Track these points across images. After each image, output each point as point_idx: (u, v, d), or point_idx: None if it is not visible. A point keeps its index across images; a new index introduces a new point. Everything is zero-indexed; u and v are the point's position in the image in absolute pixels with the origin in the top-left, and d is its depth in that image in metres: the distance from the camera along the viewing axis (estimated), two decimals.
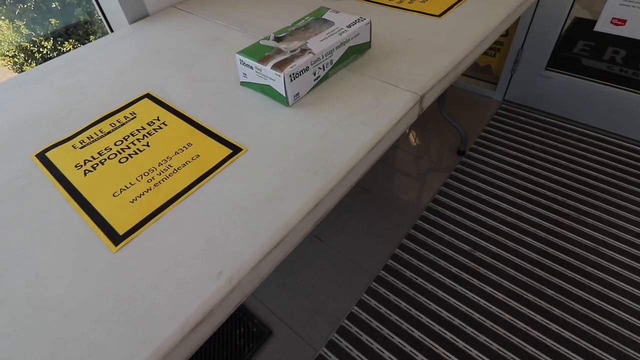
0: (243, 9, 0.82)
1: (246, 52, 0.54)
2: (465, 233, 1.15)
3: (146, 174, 0.46)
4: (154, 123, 0.53)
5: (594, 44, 1.63)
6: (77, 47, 1.01)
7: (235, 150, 0.48)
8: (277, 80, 0.51)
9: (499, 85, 1.65)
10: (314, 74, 0.54)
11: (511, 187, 1.27)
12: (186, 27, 0.77)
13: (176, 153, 0.48)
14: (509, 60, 1.56)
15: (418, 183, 1.34)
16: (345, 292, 1.05)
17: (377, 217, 1.24)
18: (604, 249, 1.08)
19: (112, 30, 0.90)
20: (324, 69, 0.55)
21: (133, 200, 0.43)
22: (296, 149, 0.47)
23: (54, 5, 1.26)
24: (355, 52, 0.60)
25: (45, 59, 1.23)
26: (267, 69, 0.51)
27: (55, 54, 1.30)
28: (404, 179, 1.36)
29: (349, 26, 0.58)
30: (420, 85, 0.54)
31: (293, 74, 0.50)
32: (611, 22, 1.26)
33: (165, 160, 0.47)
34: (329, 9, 0.63)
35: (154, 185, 0.44)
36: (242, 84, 0.58)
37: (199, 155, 0.48)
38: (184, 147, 0.49)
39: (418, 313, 0.98)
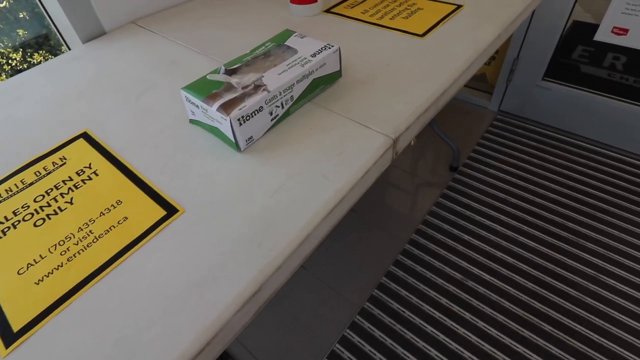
0: (209, 26, 0.75)
1: (192, 88, 0.47)
2: (457, 259, 1.07)
3: (62, 242, 0.38)
4: (83, 172, 0.46)
5: (593, 50, 1.55)
6: (48, 59, 0.94)
7: (171, 211, 0.40)
8: (224, 124, 0.43)
9: (494, 95, 1.58)
10: (271, 114, 0.47)
11: (506, 207, 1.19)
12: (143, 48, 0.70)
13: (101, 214, 0.41)
14: (504, 69, 1.49)
15: (408, 202, 1.27)
16: (327, 327, 0.97)
17: (363, 240, 1.16)
18: (604, 277, 1.01)
19: (69, 48, 0.83)
20: (283, 107, 0.48)
21: (39, 280, 0.35)
22: (242, 209, 0.39)
23: (22, 16, 1.19)
24: (323, 83, 0.53)
25: (16, 70, 1.16)
26: (212, 110, 0.43)
27: (25, 65, 1.23)
28: (393, 197, 1.29)
29: (314, 55, 0.50)
30: (394, 125, 0.47)
31: (243, 116, 0.43)
32: (612, 32, 1.19)
33: (87, 224, 0.40)
34: (294, 32, 0.55)
35: (67, 260, 0.37)
36: (192, 122, 0.51)
37: (127, 218, 0.40)
38: (112, 205, 0.42)
39: (405, 352, 0.90)
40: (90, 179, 0.45)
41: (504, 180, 1.28)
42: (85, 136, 0.51)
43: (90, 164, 0.47)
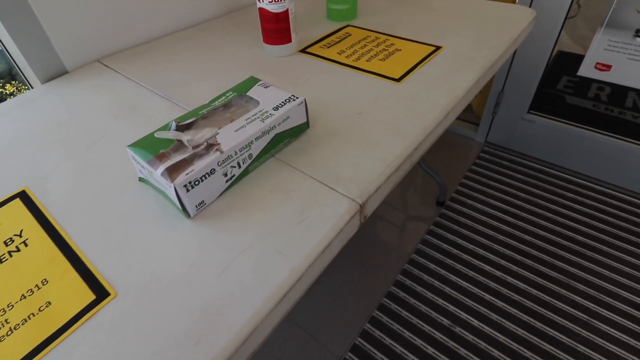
0: (176, 66, 0.71)
1: (139, 145, 0.42)
2: (444, 303, 1.02)
3: None
4: (12, 241, 0.41)
5: (577, 80, 1.55)
6: (21, 90, 0.89)
7: (101, 295, 0.35)
8: (169, 190, 0.39)
9: (480, 127, 1.56)
10: (226, 175, 0.42)
11: (494, 244, 1.15)
12: (104, 90, 0.66)
13: (22, 297, 0.35)
14: (489, 102, 1.47)
15: (393, 239, 1.22)
16: None
17: (346, 280, 1.11)
18: (596, 322, 0.96)
19: (31, 87, 0.78)
20: (240, 166, 0.43)
21: None
22: (183, 293, 0.34)
23: None
24: (288, 137, 0.49)
25: None
26: (157, 173, 0.39)
27: None
28: (378, 233, 1.24)
29: (277, 108, 0.46)
30: (362, 186, 0.43)
31: (191, 182, 0.38)
32: (595, 67, 1.18)
33: (4, 310, 0.34)
34: (259, 81, 0.52)
35: None
36: (141, 180, 0.46)
37: (50, 303, 0.35)
38: (37, 286, 0.36)
39: None
40: (19, 250, 0.40)
41: (492, 215, 1.24)
42: (23, 196, 0.46)
43: (21, 232, 0.42)
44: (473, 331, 0.95)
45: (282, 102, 0.47)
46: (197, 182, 0.39)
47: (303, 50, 0.75)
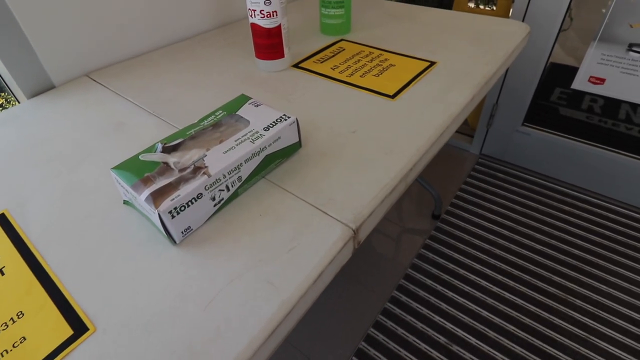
0: (166, 82, 0.70)
1: (124, 168, 0.40)
2: (441, 320, 1.00)
3: None
4: None
5: (570, 92, 1.55)
6: (10, 102, 0.87)
7: (79, 330, 0.33)
8: (153, 216, 0.37)
9: (475, 139, 1.56)
10: (214, 199, 0.40)
11: (491, 259, 1.14)
12: (91, 106, 0.64)
13: None
14: (484, 114, 1.47)
15: (388, 253, 1.20)
16: None
17: (340, 297, 1.08)
18: (595, 339, 0.95)
19: (18, 102, 0.76)
20: (228, 189, 0.42)
21: None
22: (165, 328, 0.32)
23: None
24: (280, 157, 0.47)
25: None
26: (140, 199, 0.37)
27: None
28: (373, 248, 1.22)
29: (267, 128, 0.45)
30: (356, 210, 0.41)
31: (176, 207, 0.37)
32: (589, 81, 1.18)
33: None
34: (250, 99, 0.50)
35: None
36: (126, 203, 0.44)
37: (25, 339, 0.33)
38: (12, 319, 0.34)
39: None
40: None
41: (488, 229, 1.23)
42: (2, 219, 0.44)
43: None
44: (471, 349, 0.93)
45: (273, 121, 0.46)
46: (183, 208, 0.37)
47: (296, 65, 0.74)
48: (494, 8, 1.59)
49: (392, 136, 0.52)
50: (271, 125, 0.45)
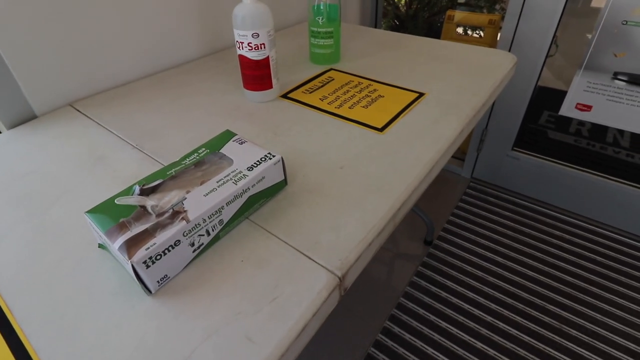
0: (152, 113, 0.68)
1: (98, 212, 0.39)
2: (434, 352, 0.97)
3: None
4: None
5: (558, 115, 1.57)
6: None
7: None
8: (127, 266, 0.35)
9: (466, 162, 1.56)
10: (193, 244, 0.39)
11: (484, 287, 1.12)
12: (72, 139, 0.62)
13: None
14: (474, 138, 1.48)
15: (380, 281, 1.18)
16: None
17: (331, 328, 1.05)
18: None
19: None
20: (208, 234, 0.40)
21: None
22: None
23: None
24: (264, 197, 0.46)
25: None
26: (114, 247, 0.35)
27: None
28: (364, 275, 1.20)
29: (251, 168, 0.43)
30: (342, 255, 0.40)
31: (151, 257, 0.35)
32: (576, 108, 1.20)
33: None
34: (234, 136, 0.49)
35: None
36: (101, 246, 0.42)
37: None
38: None
39: None
40: None
41: (481, 255, 1.21)
42: None
43: None
44: None
45: (258, 161, 0.44)
46: (158, 257, 0.35)
47: (285, 95, 0.73)
48: (482, 34, 1.62)
49: (380, 172, 0.51)
50: (255, 165, 0.44)
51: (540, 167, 1.38)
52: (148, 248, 0.34)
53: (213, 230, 0.40)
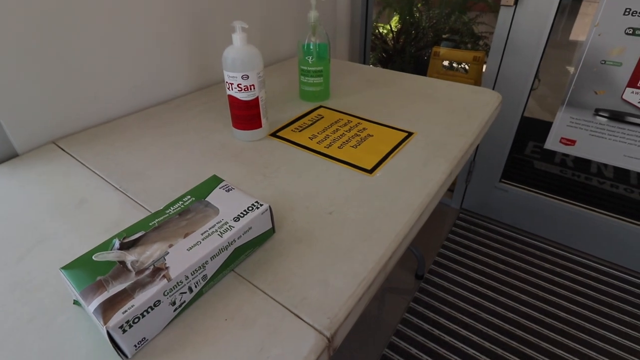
0: (138, 152, 0.67)
1: (75, 267, 0.37)
2: None
3: None
4: None
5: (543, 145, 1.60)
6: None
7: None
8: (103, 330, 0.32)
9: (455, 193, 1.57)
10: (174, 303, 0.37)
11: (477, 324, 1.10)
12: (53, 179, 0.60)
13: None
14: (462, 169, 1.49)
15: (371, 317, 1.15)
16: None
17: None
18: None
19: None
20: (191, 291, 0.38)
21: None
22: None
23: None
24: (251, 248, 0.44)
25: None
26: (89, 310, 0.33)
27: None
28: None
29: (237, 218, 0.42)
30: (331, 312, 0.38)
31: (128, 321, 0.32)
32: (560, 142, 1.22)
33: None
34: (221, 182, 0.48)
35: None
36: (76, 303, 0.40)
37: None
38: None
39: None
40: None
41: (472, 290, 1.20)
42: None
43: None
44: None
45: (244, 210, 0.43)
46: (136, 320, 0.33)
47: (274, 134, 0.73)
48: (467, 68, 1.67)
49: (369, 218, 0.50)
50: (242, 215, 0.42)
51: (529, 199, 1.39)
52: (125, 311, 0.32)
53: (196, 286, 0.38)
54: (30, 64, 0.64)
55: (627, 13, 0.99)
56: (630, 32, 1.00)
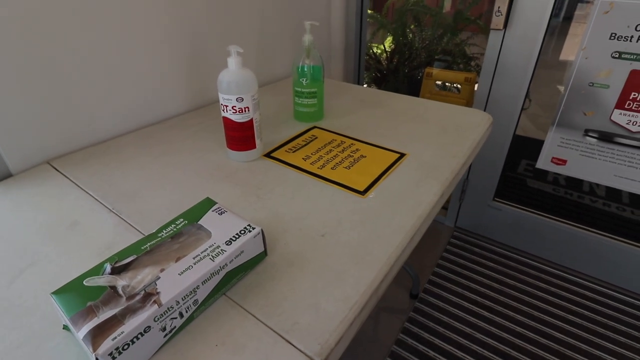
0: (133, 172, 0.67)
1: (65, 292, 0.36)
2: None
3: None
4: None
5: (535, 163, 1.61)
6: None
7: None
8: (91, 357, 0.32)
9: (449, 211, 1.58)
10: (164, 329, 0.36)
11: (472, 344, 1.09)
12: (46, 200, 0.60)
13: None
14: (455, 189, 1.50)
15: (365, 337, 1.13)
16: None
17: None
18: None
19: None
20: (182, 316, 0.38)
21: None
22: None
23: None
24: (242, 271, 0.44)
25: None
26: (79, 336, 0.33)
27: None
28: None
29: (230, 242, 0.42)
30: (322, 338, 0.38)
31: (117, 348, 0.32)
32: (552, 161, 1.24)
33: None
34: (214, 204, 0.48)
35: None
36: (66, 328, 0.39)
37: None
38: None
39: None
40: None
41: (467, 310, 1.19)
42: None
43: None
44: None
45: (237, 234, 0.43)
46: (126, 346, 0.33)
47: (268, 154, 0.74)
48: (460, 87, 1.70)
49: (361, 240, 0.51)
50: (234, 239, 0.43)
51: (522, 218, 1.40)
52: (115, 338, 0.32)
53: (187, 311, 0.38)
54: (26, 85, 0.65)
55: (612, 38, 1.02)
56: (617, 55, 1.03)
